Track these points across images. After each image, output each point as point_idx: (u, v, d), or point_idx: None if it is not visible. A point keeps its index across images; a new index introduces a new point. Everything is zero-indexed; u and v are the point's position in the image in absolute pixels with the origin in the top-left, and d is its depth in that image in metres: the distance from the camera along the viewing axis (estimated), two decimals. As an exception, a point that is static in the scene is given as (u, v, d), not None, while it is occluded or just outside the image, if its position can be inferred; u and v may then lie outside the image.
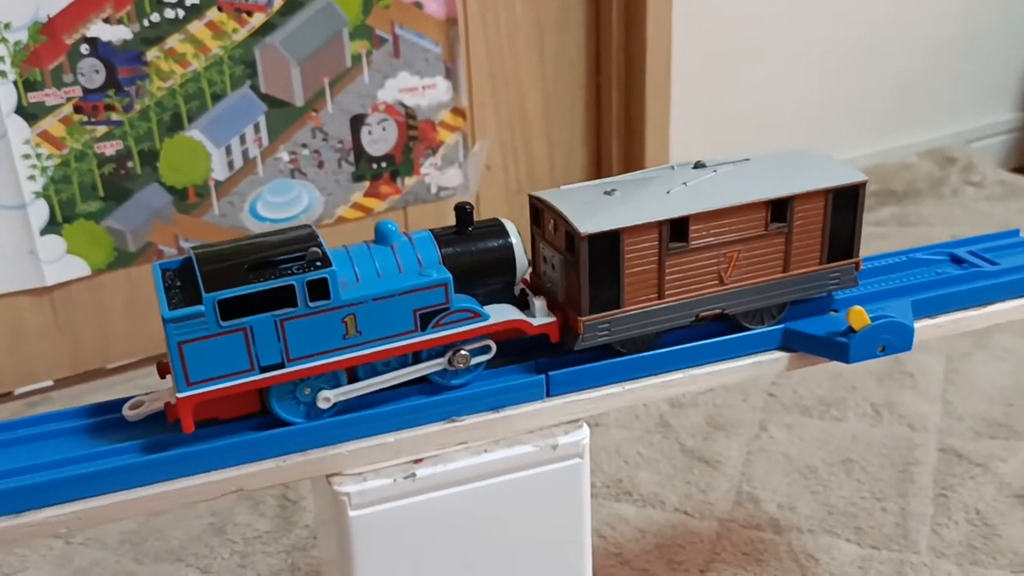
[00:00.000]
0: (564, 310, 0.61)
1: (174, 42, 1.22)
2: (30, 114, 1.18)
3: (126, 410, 0.59)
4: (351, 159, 1.39)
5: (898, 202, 1.76)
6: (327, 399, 0.57)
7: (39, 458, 0.56)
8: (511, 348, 0.63)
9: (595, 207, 0.60)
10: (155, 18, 1.21)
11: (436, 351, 0.59)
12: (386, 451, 0.58)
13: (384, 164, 1.41)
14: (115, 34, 1.19)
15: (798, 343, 0.65)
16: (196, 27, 1.23)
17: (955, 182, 1.80)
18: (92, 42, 1.18)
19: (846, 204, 0.64)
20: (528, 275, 0.64)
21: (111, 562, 0.99)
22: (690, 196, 0.61)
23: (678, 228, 0.61)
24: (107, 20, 1.18)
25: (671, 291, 0.62)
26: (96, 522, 0.55)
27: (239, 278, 0.53)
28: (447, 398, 0.59)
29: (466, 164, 1.47)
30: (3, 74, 1.15)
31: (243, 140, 1.31)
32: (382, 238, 0.59)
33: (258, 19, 1.26)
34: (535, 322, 0.60)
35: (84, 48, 1.18)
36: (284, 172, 1.35)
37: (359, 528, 0.57)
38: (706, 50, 1.61)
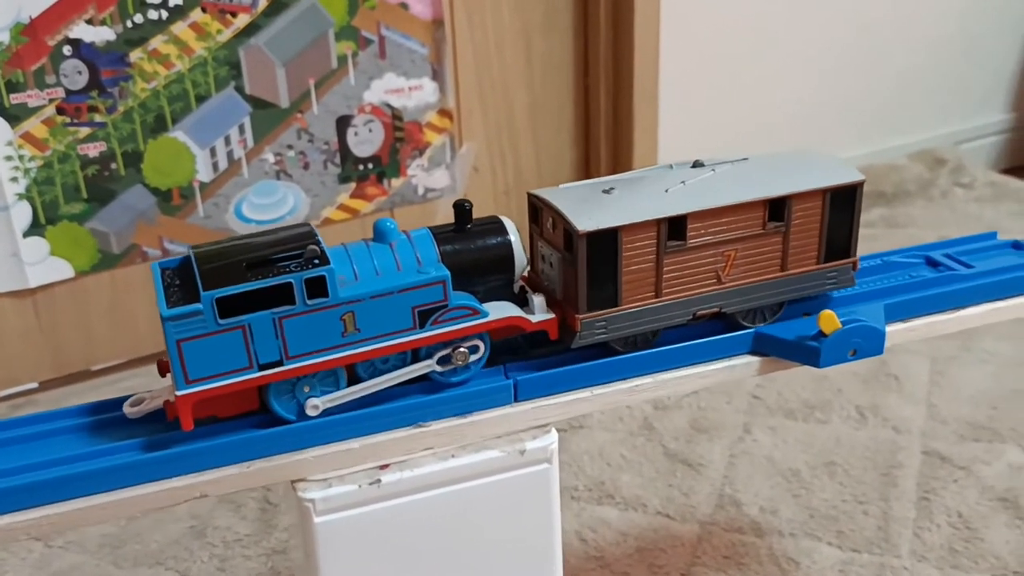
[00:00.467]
0: (562, 308, 0.61)
1: (157, 43, 1.22)
2: (12, 116, 1.17)
3: (127, 407, 0.59)
4: (337, 160, 1.38)
5: (887, 204, 1.75)
6: (315, 407, 0.57)
7: (29, 458, 0.56)
8: (512, 347, 0.63)
9: (593, 205, 0.60)
10: (138, 19, 1.20)
11: (434, 348, 0.58)
12: (352, 457, 0.58)
13: (370, 165, 1.41)
14: (98, 35, 1.19)
15: (769, 347, 0.64)
16: (180, 28, 1.23)
17: (945, 184, 1.80)
18: (75, 43, 1.18)
19: (844, 204, 0.64)
20: (526, 273, 0.64)
21: (90, 566, 0.99)
22: (688, 195, 0.61)
23: (676, 227, 0.61)
24: (90, 21, 1.18)
25: (669, 289, 0.62)
26: (65, 526, 0.55)
27: (237, 276, 0.53)
28: (414, 403, 0.59)
29: (453, 166, 1.47)
30: (-15, 75, 1.15)
31: (228, 141, 1.30)
32: (381, 236, 0.59)
33: (242, 20, 1.26)
34: (534, 319, 0.60)
35: (67, 49, 1.18)
36: (269, 173, 1.34)
37: (324, 534, 0.57)
38: (695, 52, 1.61)
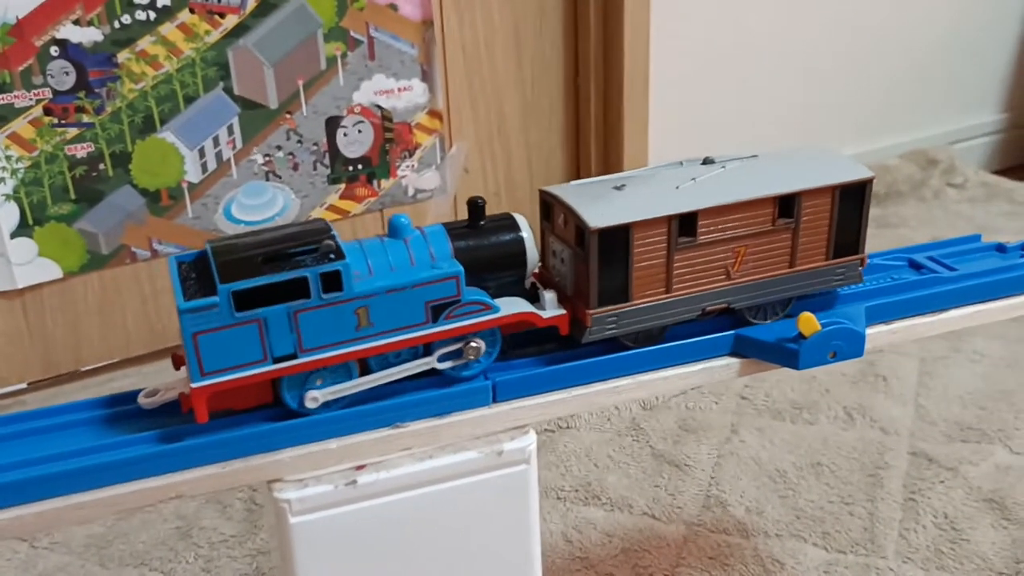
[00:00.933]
0: (573, 303, 0.62)
1: (145, 44, 1.22)
2: (-1, 116, 1.17)
3: (141, 398, 0.60)
4: (326, 161, 1.38)
5: (879, 204, 1.75)
6: (315, 399, 0.57)
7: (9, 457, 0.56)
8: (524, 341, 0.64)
9: (605, 202, 0.60)
10: (126, 20, 1.20)
11: (446, 343, 0.59)
12: (328, 457, 0.57)
13: (360, 166, 1.41)
14: (85, 36, 1.18)
15: (748, 349, 0.64)
16: (167, 29, 1.22)
17: (937, 184, 1.80)
18: (62, 44, 1.18)
19: (853, 200, 0.64)
20: (537, 269, 0.64)
21: (76, 566, 0.98)
22: (699, 191, 0.62)
23: (687, 223, 0.61)
24: (77, 22, 1.18)
25: (678, 285, 0.62)
26: (36, 527, 0.55)
27: (254, 270, 0.54)
28: (391, 403, 0.59)
29: (444, 166, 1.47)
30: (-28, 76, 1.15)
31: (216, 142, 1.30)
32: (395, 231, 0.59)
33: (231, 21, 1.26)
34: (545, 314, 0.61)
35: (54, 50, 1.18)
36: (258, 174, 1.34)
37: (300, 535, 0.57)
38: (685, 53, 1.61)
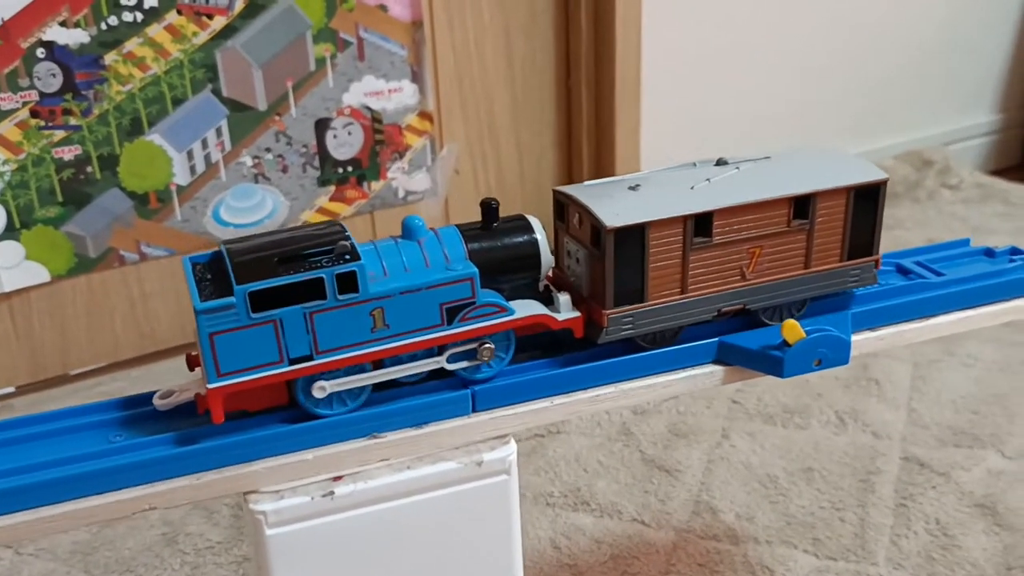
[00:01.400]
0: (588, 304, 0.62)
1: (133, 46, 1.21)
2: (-15, 119, 1.16)
3: (156, 400, 0.60)
4: (316, 163, 1.37)
5: (873, 205, 1.74)
6: (322, 388, 0.57)
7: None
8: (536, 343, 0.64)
9: (620, 201, 0.60)
10: (112, 21, 1.19)
11: (460, 344, 0.59)
12: (305, 468, 0.57)
13: (350, 168, 1.40)
14: (72, 38, 1.18)
15: (733, 356, 0.63)
16: (155, 30, 1.22)
17: (932, 185, 1.79)
18: (48, 46, 1.17)
19: (867, 202, 0.64)
20: (552, 271, 0.64)
21: (61, 573, 0.98)
22: (714, 192, 0.62)
23: (702, 223, 0.61)
24: (63, 24, 1.17)
25: (694, 286, 0.62)
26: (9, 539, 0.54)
27: (270, 270, 0.54)
28: (369, 414, 0.58)
29: (434, 168, 1.46)
30: (-43, 78, 1.14)
31: (205, 144, 1.29)
32: (409, 233, 0.59)
33: (219, 22, 1.25)
34: (560, 317, 0.61)
35: (40, 52, 1.17)
36: (247, 177, 1.33)
37: (276, 547, 0.56)
38: (677, 53, 1.60)
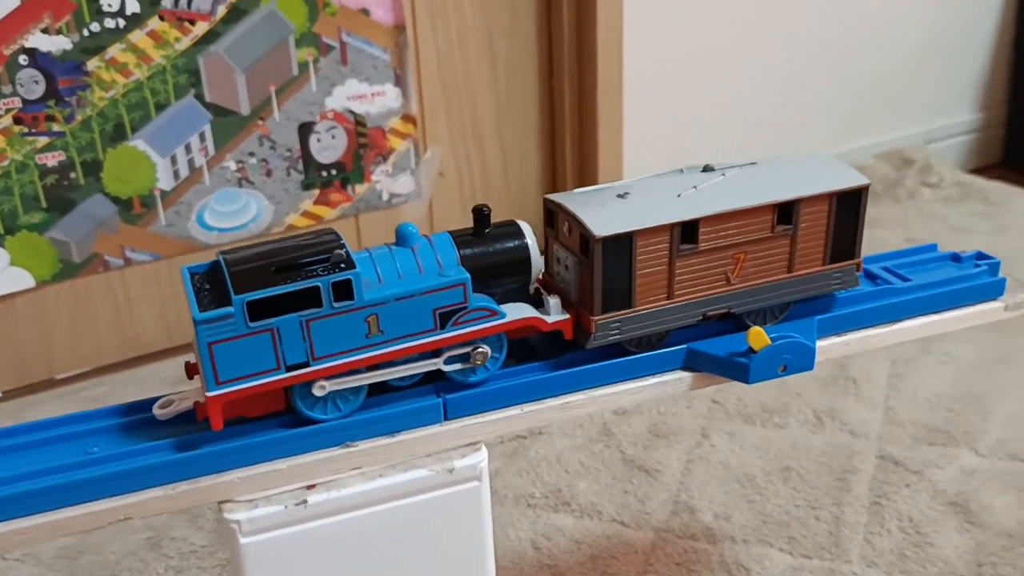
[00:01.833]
0: (576, 309, 0.63)
1: (115, 52, 1.22)
2: (-32, 126, 1.17)
3: (156, 409, 0.61)
4: (300, 167, 1.38)
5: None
6: (322, 387, 0.58)
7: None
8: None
9: (609, 210, 0.62)
10: (95, 28, 1.20)
11: (454, 348, 0.60)
12: (278, 477, 0.58)
13: (334, 172, 1.41)
14: (54, 44, 1.18)
15: (700, 363, 0.65)
16: (137, 36, 1.22)
17: (912, 184, 1.81)
18: (31, 53, 1.17)
19: (849, 207, 0.66)
20: (541, 275, 0.65)
21: (46, 578, 0.99)
22: (700, 199, 0.63)
23: (688, 230, 0.63)
24: (45, 30, 1.17)
25: (680, 291, 0.64)
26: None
27: (267, 280, 0.55)
28: (342, 423, 0.59)
29: (418, 171, 1.47)
30: (-60, 86, 1.14)
31: (188, 149, 1.30)
32: (403, 240, 0.60)
33: (201, 28, 1.26)
34: (550, 319, 0.62)
35: (23, 59, 1.17)
36: (231, 181, 1.34)
37: (250, 555, 0.57)
38: (659, 54, 1.61)
